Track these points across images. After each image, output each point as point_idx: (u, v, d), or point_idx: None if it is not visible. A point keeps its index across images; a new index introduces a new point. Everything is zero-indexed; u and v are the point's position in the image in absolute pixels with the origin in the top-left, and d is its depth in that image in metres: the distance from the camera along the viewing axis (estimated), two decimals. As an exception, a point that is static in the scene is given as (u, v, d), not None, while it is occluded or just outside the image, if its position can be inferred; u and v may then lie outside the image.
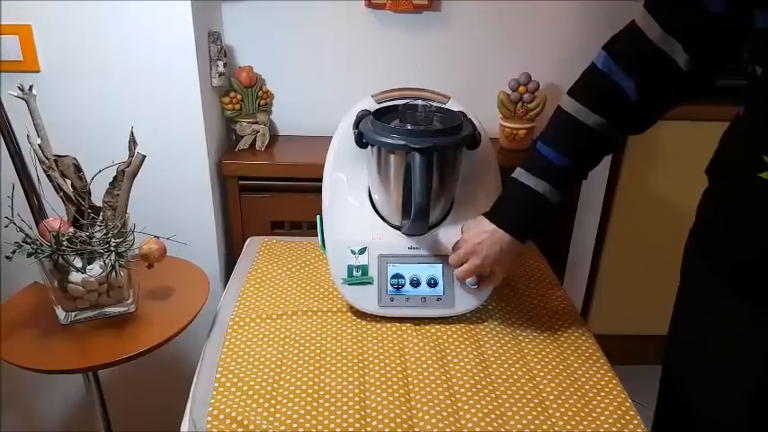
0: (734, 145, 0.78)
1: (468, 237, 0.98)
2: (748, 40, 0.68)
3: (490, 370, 0.93)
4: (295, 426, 0.81)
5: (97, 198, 1.01)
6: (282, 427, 0.81)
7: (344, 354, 0.95)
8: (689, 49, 0.76)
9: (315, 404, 0.85)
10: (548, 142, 0.91)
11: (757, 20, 0.65)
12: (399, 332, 1.01)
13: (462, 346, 0.98)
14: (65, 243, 0.94)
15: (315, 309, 1.07)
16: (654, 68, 0.80)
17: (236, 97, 1.39)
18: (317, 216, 1.11)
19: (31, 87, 0.97)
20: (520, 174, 0.93)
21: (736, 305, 0.77)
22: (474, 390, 0.88)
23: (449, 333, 1.01)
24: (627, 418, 0.84)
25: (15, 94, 0.96)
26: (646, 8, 0.79)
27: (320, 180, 1.12)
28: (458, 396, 0.87)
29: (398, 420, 0.82)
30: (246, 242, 1.33)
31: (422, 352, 0.96)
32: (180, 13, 1.15)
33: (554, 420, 0.83)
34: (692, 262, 0.87)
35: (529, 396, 0.88)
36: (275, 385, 0.89)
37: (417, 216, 0.96)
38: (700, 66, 0.77)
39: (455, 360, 0.95)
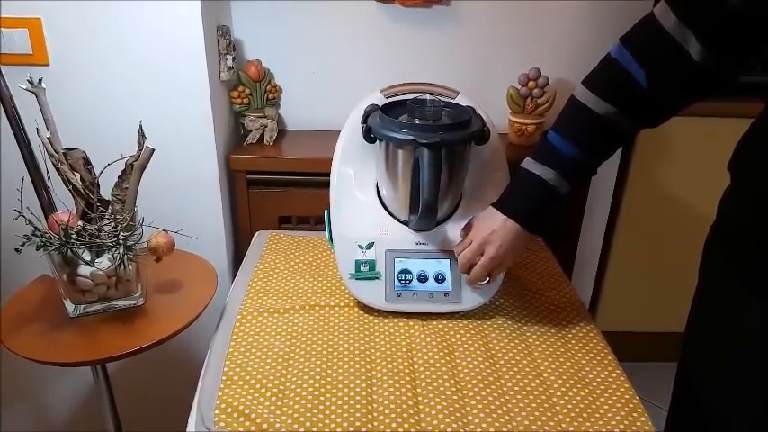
0: (757, 142, 0.76)
1: (478, 229, 0.97)
2: None
3: (497, 366, 0.93)
4: (302, 419, 0.81)
5: (106, 192, 1.02)
6: (289, 421, 0.81)
7: (351, 348, 0.95)
8: (703, 41, 0.74)
9: (322, 398, 0.85)
10: (558, 130, 0.90)
11: None
12: (407, 327, 1.01)
13: (469, 342, 0.98)
14: (74, 236, 0.94)
15: (322, 303, 1.07)
16: (665, 57, 0.78)
17: (245, 92, 1.39)
18: (325, 211, 1.11)
19: (40, 81, 0.97)
20: (528, 163, 0.93)
21: (756, 304, 0.75)
22: (481, 386, 0.88)
23: (456, 329, 1.01)
24: (634, 415, 0.84)
25: (25, 87, 0.96)
26: None
27: (328, 175, 1.12)
28: (465, 392, 0.87)
29: (405, 415, 0.82)
30: (254, 237, 1.34)
31: (429, 347, 0.96)
32: (189, 7, 1.15)
33: (561, 417, 0.83)
34: (711, 260, 0.86)
35: (536, 392, 0.87)
36: (282, 379, 0.89)
37: (425, 211, 0.96)
38: (714, 62, 0.76)
39: (462, 356, 0.95)
